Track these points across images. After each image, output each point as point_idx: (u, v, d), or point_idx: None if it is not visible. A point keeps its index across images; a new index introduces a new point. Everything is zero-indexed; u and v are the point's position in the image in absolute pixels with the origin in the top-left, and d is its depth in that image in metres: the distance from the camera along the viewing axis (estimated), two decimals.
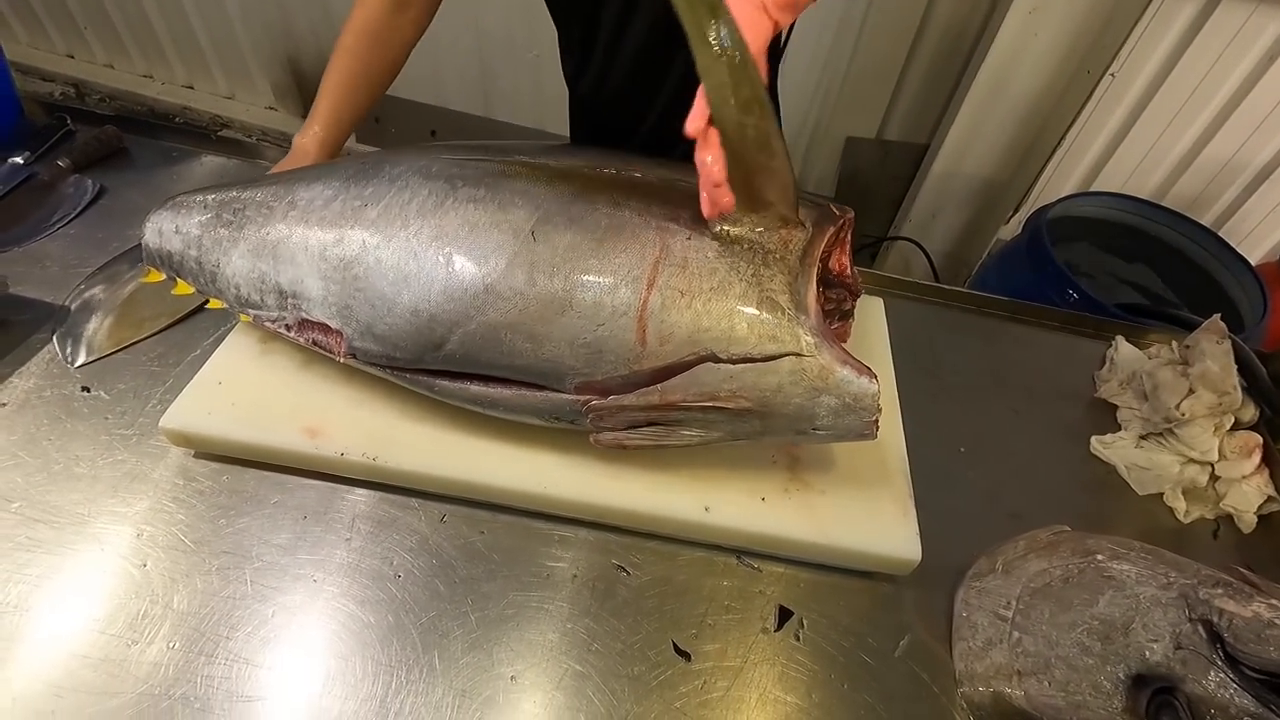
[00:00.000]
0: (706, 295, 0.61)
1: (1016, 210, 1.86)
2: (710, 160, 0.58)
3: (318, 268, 0.68)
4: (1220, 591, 0.49)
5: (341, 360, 0.69)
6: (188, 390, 0.71)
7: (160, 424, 0.68)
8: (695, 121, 0.57)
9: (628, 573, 0.68)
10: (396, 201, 0.68)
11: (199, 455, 0.72)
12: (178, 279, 0.76)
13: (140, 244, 0.78)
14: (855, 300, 0.75)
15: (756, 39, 0.55)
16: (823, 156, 2.14)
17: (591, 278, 0.62)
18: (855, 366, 0.61)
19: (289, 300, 0.70)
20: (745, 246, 0.62)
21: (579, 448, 0.70)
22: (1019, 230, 1.71)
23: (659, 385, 0.62)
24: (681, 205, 0.64)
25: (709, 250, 0.62)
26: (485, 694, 0.59)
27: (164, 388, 0.77)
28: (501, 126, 2.36)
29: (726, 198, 0.60)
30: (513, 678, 0.60)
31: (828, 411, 0.62)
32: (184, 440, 0.70)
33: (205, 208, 0.74)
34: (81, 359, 0.78)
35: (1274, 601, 0.47)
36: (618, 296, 0.61)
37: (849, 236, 0.73)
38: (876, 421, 0.62)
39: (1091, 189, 1.90)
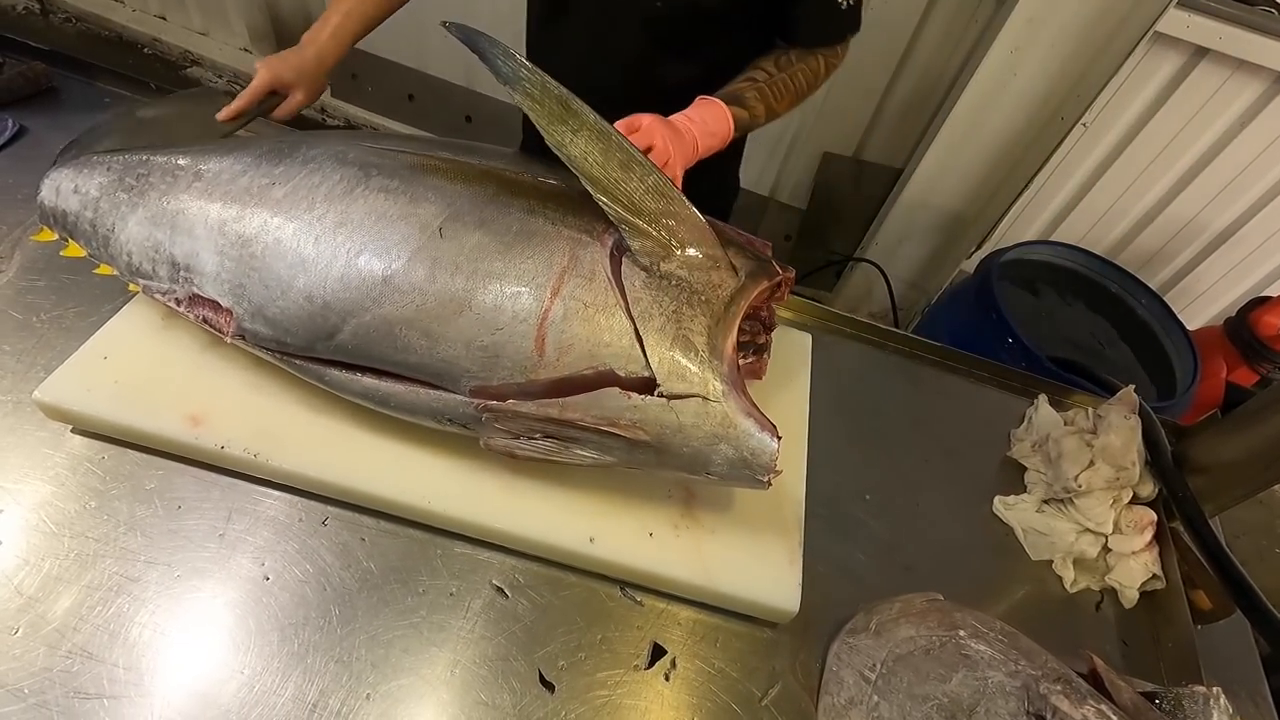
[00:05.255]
0: (612, 310, 0.60)
1: (979, 247, 1.87)
2: None
3: (215, 242, 0.66)
4: (1058, 689, 0.50)
5: (229, 341, 0.67)
6: (70, 362, 0.68)
7: (33, 396, 0.66)
8: None
9: (506, 596, 0.67)
10: (306, 184, 0.66)
11: (77, 431, 0.69)
12: (69, 240, 0.72)
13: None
14: (769, 334, 0.75)
15: (680, 159, 0.74)
16: (798, 168, 2.12)
17: (494, 280, 0.61)
18: (759, 420, 0.60)
19: (181, 273, 0.67)
20: (673, 282, 0.62)
21: (468, 463, 0.69)
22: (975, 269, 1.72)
23: (560, 400, 0.61)
24: (598, 218, 0.63)
25: (636, 279, 0.62)
26: (337, 709, 0.58)
27: (51, 353, 0.74)
28: (480, 99, 2.30)
29: None
30: (368, 695, 0.59)
31: (724, 460, 0.61)
32: (59, 415, 0.67)
33: (109, 169, 0.71)
34: None
35: (1103, 708, 0.48)
36: (519, 302, 0.60)
37: (785, 295, 0.72)
38: (770, 480, 0.61)
39: (1054, 237, 1.92)
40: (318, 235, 0.63)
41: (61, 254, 0.72)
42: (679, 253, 0.63)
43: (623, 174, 0.62)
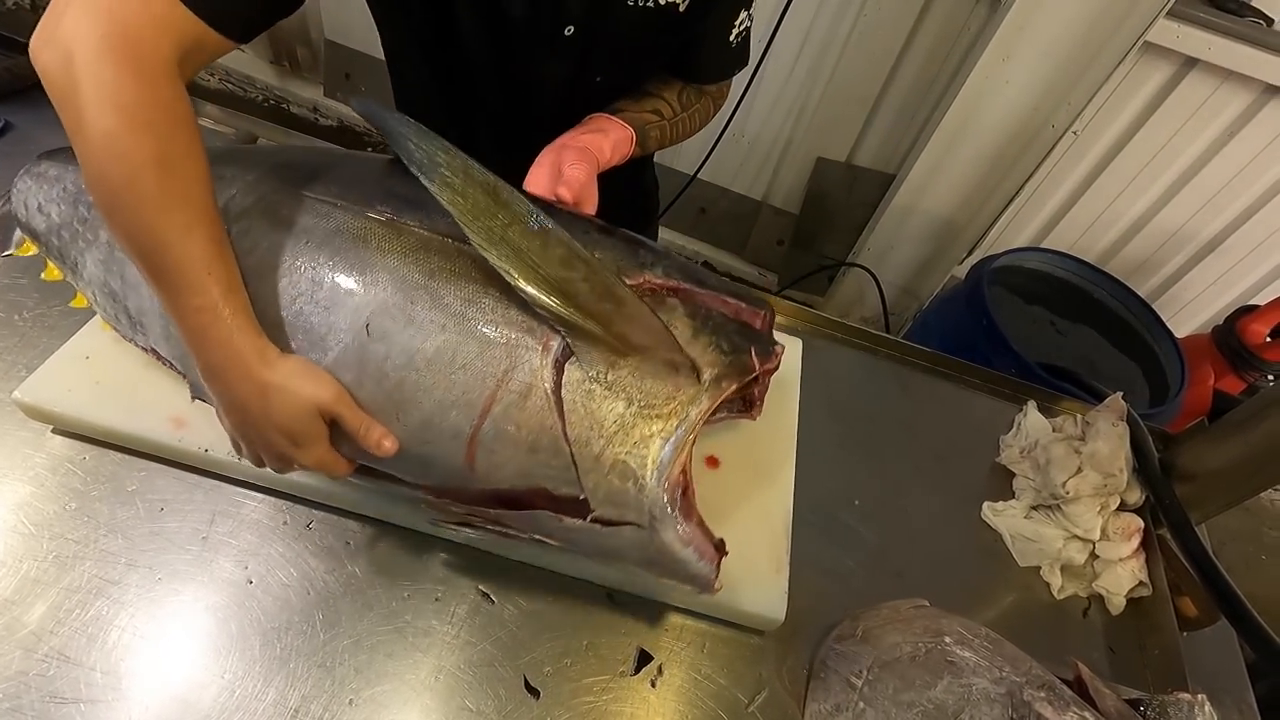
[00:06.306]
0: (546, 431, 0.54)
1: (971, 253, 1.87)
2: None
3: (157, 306, 0.61)
4: (1042, 695, 0.50)
5: (193, 401, 0.65)
6: (51, 361, 0.67)
7: (14, 395, 0.65)
8: None
9: (493, 601, 0.66)
10: (236, 250, 0.56)
11: (58, 431, 0.68)
12: (48, 262, 0.71)
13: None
14: (761, 391, 0.74)
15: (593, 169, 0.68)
16: (792, 174, 2.13)
17: (421, 394, 0.54)
18: (698, 548, 0.56)
19: (137, 327, 0.66)
20: (620, 395, 0.54)
21: None
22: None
23: (495, 511, 0.58)
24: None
25: (578, 392, 0.54)
26: (319, 715, 0.57)
27: (34, 352, 0.73)
28: None
29: None
30: (351, 701, 0.58)
31: (661, 578, 0.60)
32: (39, 416, 0.66)
33: (65, 189, 0.68)
34: None
35: (1086, 715, 0.48)
36: (448, 419, 0.54)
37: (768, 382, 0.71)
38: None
39: (1044, 243, 1.94)
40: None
41: (42, 277, 0.72)
42: (629, 360, 0.55)
43: (564, 273, 0.54)
